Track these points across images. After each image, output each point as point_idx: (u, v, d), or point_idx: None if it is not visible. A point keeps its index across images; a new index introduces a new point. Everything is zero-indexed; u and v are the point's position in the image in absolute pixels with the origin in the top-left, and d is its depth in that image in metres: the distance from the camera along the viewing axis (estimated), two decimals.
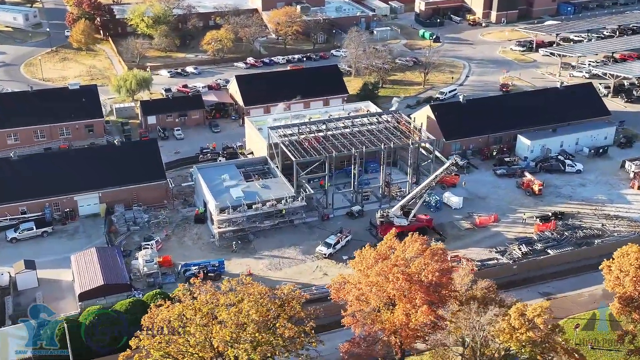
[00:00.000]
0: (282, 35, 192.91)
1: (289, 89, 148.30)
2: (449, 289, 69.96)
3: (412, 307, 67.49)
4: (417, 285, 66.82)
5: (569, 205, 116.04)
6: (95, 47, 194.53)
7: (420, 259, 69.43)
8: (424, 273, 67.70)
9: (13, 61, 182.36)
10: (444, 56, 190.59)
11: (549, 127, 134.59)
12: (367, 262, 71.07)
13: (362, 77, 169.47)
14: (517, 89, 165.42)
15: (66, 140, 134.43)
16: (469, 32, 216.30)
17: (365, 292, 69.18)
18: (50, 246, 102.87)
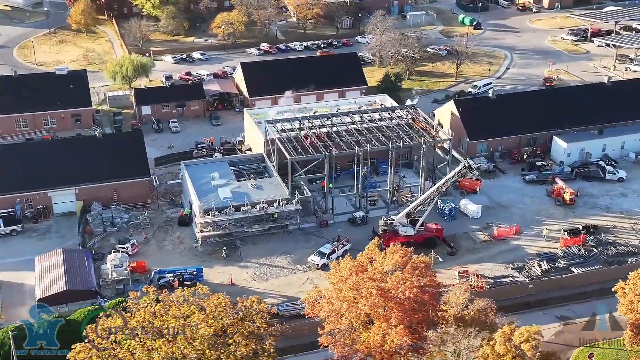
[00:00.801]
0: (302, 18, 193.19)
1: (301, 78, 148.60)
2: (435, 309, 69.04)
3: (388, 326, 66.81)
4: (392, 302, 66.10)
5: (605, 217, 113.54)
6: (97, 28, 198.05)
7: (397, 273, 68.69)
8: (400, 289, 66.96)
9: (7, 43, 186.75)
10: (484, 45, 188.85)
11: (592, 128, 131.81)
12: (342, 275, 70.64)
13: (387, 67, 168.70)
14: (562, 83, 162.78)
15: (51, 130, 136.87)
16: (517, 18, 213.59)
17: (336, 308, 68.79)
18: (17, 246, 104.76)
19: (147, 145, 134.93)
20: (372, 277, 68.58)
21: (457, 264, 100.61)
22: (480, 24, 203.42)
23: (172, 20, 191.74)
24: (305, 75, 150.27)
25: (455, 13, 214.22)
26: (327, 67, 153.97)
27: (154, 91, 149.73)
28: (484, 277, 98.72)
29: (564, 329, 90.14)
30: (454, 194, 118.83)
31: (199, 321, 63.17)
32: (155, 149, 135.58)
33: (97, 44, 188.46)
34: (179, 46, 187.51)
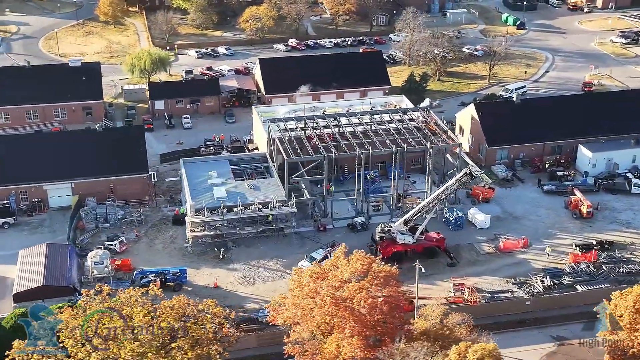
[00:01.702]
0: (333, 14, 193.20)
1: (321, 77, 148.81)
2: (395, 321, 68.24)
3: (343, 337, 66.34)
4: (347, 312, 65.57)
5: (624, 233, 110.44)
6: (125, 21, 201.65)
7: (354, 282, 68.10)
8: (356, 299, 66.35)
9: (34, 33, 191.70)
10: (525, 46, 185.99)
11: (626, 138, 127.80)
12: (302, 281, 70.44)
13: (417, 67, 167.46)
14: (603, 89, 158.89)
15: (61, 122, 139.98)
16: (565, 18, 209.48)
17: (291, 316, 68.66)
18: (8, 239, 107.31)
19: (157, 140, 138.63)
20: (330, 285, 68.09)
21: (453, 276, 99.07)
22: (524, 23, 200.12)
23: (200, 14, 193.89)
24: (326, 74, 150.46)
25: (500, 12, 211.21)
26: (350, 66, 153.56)
27: (168, 86, 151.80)
28: (480, 291, 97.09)
29: (557, 349, 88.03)
30: (465, 203, 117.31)
31: (141, 323, 63.72)
32: (164, 144, 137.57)
33: (123, 36, 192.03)
34: (206, 40, 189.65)
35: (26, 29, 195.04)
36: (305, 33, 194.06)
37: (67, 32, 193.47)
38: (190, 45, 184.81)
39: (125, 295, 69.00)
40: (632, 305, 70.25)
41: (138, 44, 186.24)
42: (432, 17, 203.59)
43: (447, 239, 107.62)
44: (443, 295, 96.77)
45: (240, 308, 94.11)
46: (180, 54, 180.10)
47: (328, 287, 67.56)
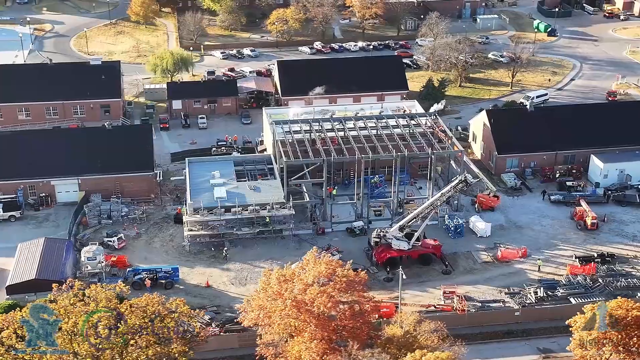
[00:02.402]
0: (360, 18, 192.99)
1: (339, 80, 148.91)
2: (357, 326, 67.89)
3: (303, 341, 66.27)
4: (307, 315, 65.48)
5: (628, 247, 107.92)
6: (157, 21, 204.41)
7: (315, 286, 67.89)
8: (316, 303, 66.19)
9: (67, 32, 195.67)
10: (554, 53, 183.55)
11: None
12: (267, 283, 70.60)
13: (440, 72, 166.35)
14: (629, 98, 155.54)
15: (79, 120, 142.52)
16: (600, 26, 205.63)
17: (253, 317, 68.91)
18: (13, 232, 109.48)
19: (171, 140, 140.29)
20: (293, 288, 68.10)
21: (444, 284, 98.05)
22: (555, 30, 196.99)
23: (229, 15, 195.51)
24: (344, 77, 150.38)
25: (532, 18, 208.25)
26: (368, 70, 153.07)
27: (186, 86, 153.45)
28: (471, 299, 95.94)
29: None
30: (469, 210, 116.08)
31: (100, 319, 64.64)
32: (177, 144, 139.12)
33: (153, 36, 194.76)
34: (234, 42, 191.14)
35: (60, 27, 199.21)
36: (333, 36, 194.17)
37: (98, 31, 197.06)
38: (216, 46, 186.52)
39: (92, 291, 69.87)
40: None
41: (166, 44, 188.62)
42: (463, 23, 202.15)
43: (446, 247, 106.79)
44: (434, 302, 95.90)
45: (229, 308, 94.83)
46: (206, 54, 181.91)
47: (290, 290, 67.52)
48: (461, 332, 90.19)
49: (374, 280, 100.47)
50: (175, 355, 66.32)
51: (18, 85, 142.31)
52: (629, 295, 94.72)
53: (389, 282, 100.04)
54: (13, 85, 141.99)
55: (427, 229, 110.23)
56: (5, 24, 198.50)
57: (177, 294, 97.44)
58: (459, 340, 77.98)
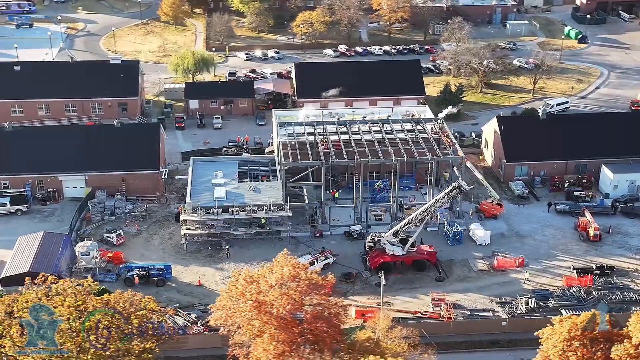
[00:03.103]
0: (386, 22, 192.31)
1: (355, 83, 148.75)
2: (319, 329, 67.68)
3: (263, 343, 66.36)
4: (267, 317, 65.56)
5: (630, 260, 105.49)
6: (187, 21, 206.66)
7: (276, 288, 67.87)
8: (276, 304, 66.22)
9: (99, 31, 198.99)
10: (582, 60, 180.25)
11: None
12: (234, 284, 70.90)
13: (461, 78, 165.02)
14: None
15: (97, 117, 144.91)
16: (634, 33, 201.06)
17: (217, 317, 69.28)
18: (18, 226, 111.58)
19: (185, 139, 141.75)
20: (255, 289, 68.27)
21: (433, 291, 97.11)
22: (586, 37, 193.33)
23: (256, 17, 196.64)
24: (360, 81, 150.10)
25: (564, 24, 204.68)
26: (385, 74, 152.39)
27: (203, 86, 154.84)
28: (461, 307, 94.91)
29: None
30: (472, 217, 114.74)
31: (62, 313, 65.66)
32: (191, 143, 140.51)
33: (181, 37, 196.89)
34: (260, 43, 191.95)
35: (92, 26, 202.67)
36: (358, 39, 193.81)
37: (129, 30, 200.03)
38: (242, 47, 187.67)
39: (59, 286, 70.99)
40: (567, 332, 67.25)
41: (193, 45, 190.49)
42: (492, 28, 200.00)
43: (443, 253, 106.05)
44: (423, 309, 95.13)
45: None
46: (230, 55, 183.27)
47: (252, 291, 67.71)
48: (446, 340, 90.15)
49: (365, 285, 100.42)
50: (136, 352, 66.91)
51: (39, 82, 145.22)
52: (624, 309, 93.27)
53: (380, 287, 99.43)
54: (35, 82, 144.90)
55: (427, 235, 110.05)
56: (40, 22, 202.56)
57: (168, 292, 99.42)
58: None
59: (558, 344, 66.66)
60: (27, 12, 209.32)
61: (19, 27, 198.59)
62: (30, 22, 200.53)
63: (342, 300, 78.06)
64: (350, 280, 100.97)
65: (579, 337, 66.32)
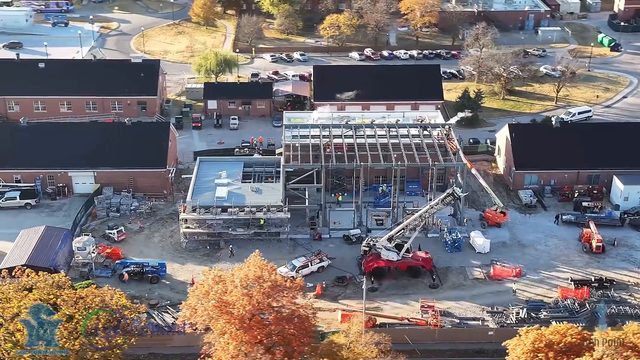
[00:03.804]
0: (413, 26, 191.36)
1: (373, 87, 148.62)
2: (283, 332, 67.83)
3: (225, 342, 66.84)
4: (229, 317, 65.96)
5: (632, 273, 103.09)
6: (218, 22, 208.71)
7: (239, 288, 68.16)
8: (237, 304, 66.55)
9: (131, 31, 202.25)
10: (612, 69, 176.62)
11: None
12: (202, 283, 71.48)
13: (485, 84, 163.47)
14: None
15: (117, 115, 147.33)
16: None
17: (182, 316, 69.94)
18: (26, 219, 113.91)
19: (201, 139, 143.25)
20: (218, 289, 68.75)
21: (422, 298, 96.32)
22: (620, 45, 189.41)
23: (285, 20, 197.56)
24: (378, 84, 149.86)
25: (599, 32, 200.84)
26: (404, 78, 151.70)
27: (222, 87, 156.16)
28: (450, 315, 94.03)
29: None
30: (475, 225, 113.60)
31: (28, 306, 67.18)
32: (206, 143, 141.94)
33: (211, 38, 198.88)
34: (288, 45, 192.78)
35: (125, 26, 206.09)
36: (386, 43, 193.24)
37: (160, 31, 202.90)
38: (269, 49, 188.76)
39: (30, 280, 72.43)
40: (531, 343, 66.09)
41: (222, 45, 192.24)
42: (523, 34, 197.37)
43: (441, 261, 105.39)
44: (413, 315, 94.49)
45: None
46: (256, 57, 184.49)
47: (217, 291, 68.21)
48: (431, 348, 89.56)
49: (357, 289, 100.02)
50: (98, 346, 67.97)
51: (62, 80, 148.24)
52: (616, 323, 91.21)
53: (373, 292, 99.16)
54: (57, 79, 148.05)
55: (427, 241, 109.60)
56: (76, 21, 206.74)
57: (161, 289, 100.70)
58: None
59: (522, 355, 65.52)
60: (64, 11, 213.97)
61: (54, 26, 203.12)
62: (65, 21, 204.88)
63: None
64: (344, 284, 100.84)
65: (543, 350, 65.07)
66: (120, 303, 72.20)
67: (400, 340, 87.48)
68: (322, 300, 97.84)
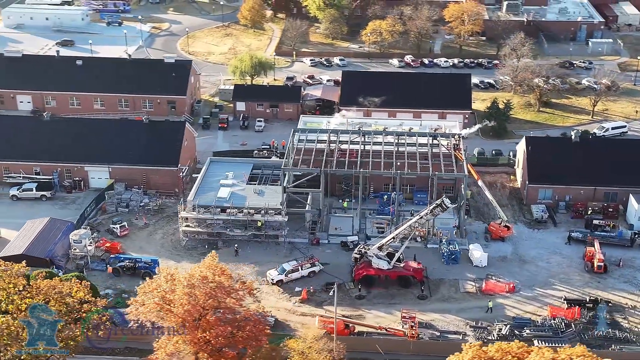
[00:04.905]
0: (457, 34, 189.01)
1: (400, 94, 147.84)
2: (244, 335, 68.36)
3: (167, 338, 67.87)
4: (170, 315, 66.90)
5: (632, 295, 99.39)
6: (266, 25, 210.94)
7: (181, 287, 68.92)
8: (176, 303, 67.37)
9: (180, 32, 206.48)
10: None
11: None
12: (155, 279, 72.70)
13: (519, 95, 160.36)
14: None
15: (147, 113, 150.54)
16: None
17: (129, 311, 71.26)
18: (40, 210, 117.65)
19: (225, 139, 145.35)
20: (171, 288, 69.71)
21: (404, 308, 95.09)
22: None
23: (330, 24, 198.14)
24: (407, 92, 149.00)
25: None
26: (433, 86, 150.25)
27: (251, 89, 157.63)
28: (432, 328, 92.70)
29: None
30: (479, 238, 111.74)
31: None
32: (229, 144, 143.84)
33: (256, 40, 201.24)
34: (331, 50, 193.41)
35: (176, 27, 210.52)
36: (429, 50, 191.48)
37: (209, 32, 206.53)
38: (311, 53, 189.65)
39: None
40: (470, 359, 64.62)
41: (266, 48, 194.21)
42: (572, 45, 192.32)
43: (436, 272, 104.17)
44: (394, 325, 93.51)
45: None
46: (297, 60, 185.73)
47: (161, 289, 69.23)
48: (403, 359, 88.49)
49: (344, 296, 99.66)
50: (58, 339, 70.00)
51: (97, 77, 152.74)
52: (602, 346, 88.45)
53: (360, 300, 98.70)
54: (93, 76, 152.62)
55: (426, 252, 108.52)
56: (130, 21, 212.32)
57: None
58: None
59: None
60: (121, 11, 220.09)
61: (109, 25, 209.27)
62: (119, 21, 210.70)
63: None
64: (332, 290, 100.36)
65: None
66: (78, 296, 73.78)
67: (373, 349, 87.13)
68: (307, 305, 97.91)
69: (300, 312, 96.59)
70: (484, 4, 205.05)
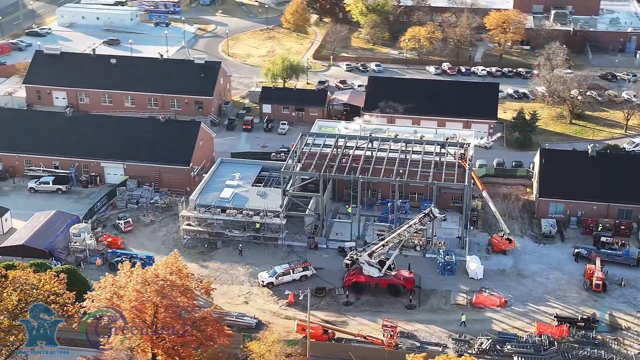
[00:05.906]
0: (497, 42, 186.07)
1: (425, 102, 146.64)
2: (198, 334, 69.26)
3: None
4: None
5: (628, 316, 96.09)
6: (309, 29, 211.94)
7: (133, 284, 69.95)
8: (125, 298, 68.54)
9: (224, 34, 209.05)
10: None
11: None
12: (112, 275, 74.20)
13: (551, 107, 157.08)
14: None
15: (175, 112, 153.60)
16: None
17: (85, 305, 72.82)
18: (55, 203, 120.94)
19: (247, 141, 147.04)
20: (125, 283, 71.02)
21: (385, 317, 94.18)
22: None
23: (371, 30, 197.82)
24: (432, 100, 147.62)
25: None
26: (459, 95, 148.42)
27: (278, 92, 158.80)
28: (414, 338, 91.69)
29: None
30: (481, 249, 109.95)
31: None
32: (250, 145, 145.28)
33: (297, 44, 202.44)
34: (371, 55, 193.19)
35: (221, 28, 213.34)
36: (469, 58, 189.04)
37: (251, 35, 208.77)
38: (349, 58, 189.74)
39: None
40: None
41: (305, 52, 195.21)
42: (619, 57, 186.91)
43: (431, 282, 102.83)
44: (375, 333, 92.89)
45: None
46: (334, 65, 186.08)
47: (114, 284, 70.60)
48: None
49: (332, 302, 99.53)
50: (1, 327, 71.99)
51: (129, 76, 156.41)
52: None
53: (347, 306, 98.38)
54: (125, 75, 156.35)
55: (424, 261, 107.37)
56: (178, 22, 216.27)
57: None
58: None
59: None
60: (171, 12, 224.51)
61: (157, 26, 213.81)
62: (167, 22, 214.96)
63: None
64: (322, 295, 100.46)
65: None
66: (45, 288, 75.62)
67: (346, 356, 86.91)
68: (293, 309, 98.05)
69: (284, 315, 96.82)
70: (531, 12, 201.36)
